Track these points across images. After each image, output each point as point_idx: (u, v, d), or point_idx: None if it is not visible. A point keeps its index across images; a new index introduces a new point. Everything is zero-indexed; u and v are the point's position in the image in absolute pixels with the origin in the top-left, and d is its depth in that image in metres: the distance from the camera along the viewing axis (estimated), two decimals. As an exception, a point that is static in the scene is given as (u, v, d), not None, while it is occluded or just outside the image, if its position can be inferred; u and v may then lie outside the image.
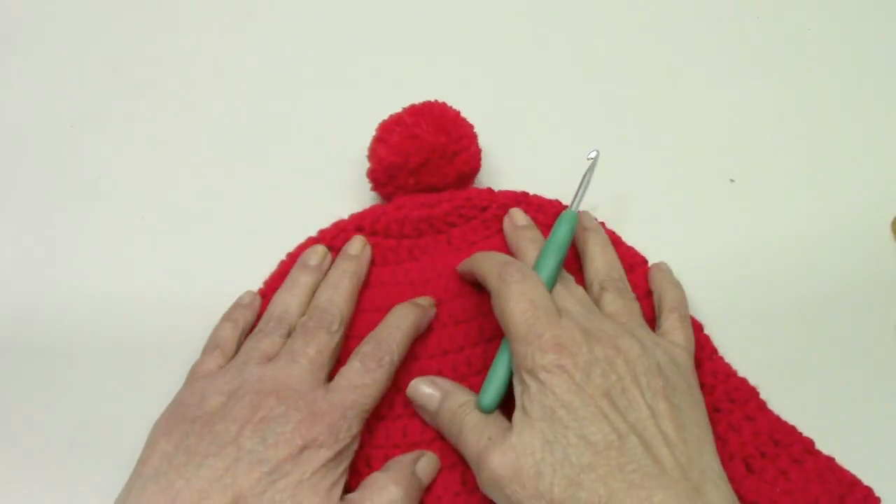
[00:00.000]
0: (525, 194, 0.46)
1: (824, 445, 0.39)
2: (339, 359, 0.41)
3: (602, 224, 0.45)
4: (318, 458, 0.35)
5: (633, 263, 0.44)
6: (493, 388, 0.38)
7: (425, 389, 0.40)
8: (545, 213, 0.45)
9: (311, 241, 0.45)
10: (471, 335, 0.42)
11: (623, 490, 0.32)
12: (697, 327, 0.42)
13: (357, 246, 0.44)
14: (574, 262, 0.44)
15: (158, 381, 0.42)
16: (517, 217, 0.44)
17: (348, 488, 0.37)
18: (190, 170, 0.50)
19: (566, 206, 0.44)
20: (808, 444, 0.39)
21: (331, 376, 0.39)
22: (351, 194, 0.48)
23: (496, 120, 0.48)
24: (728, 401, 0.40)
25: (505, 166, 0.49)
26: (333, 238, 0.45)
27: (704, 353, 0.42)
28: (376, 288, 0.44)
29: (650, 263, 0.45)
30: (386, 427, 0.40)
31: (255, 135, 0.51)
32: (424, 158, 0.44)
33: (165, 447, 0.35)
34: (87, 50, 0.56)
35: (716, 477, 0.34)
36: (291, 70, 0.54)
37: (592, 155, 0.43)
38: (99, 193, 0.49)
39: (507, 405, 0.38)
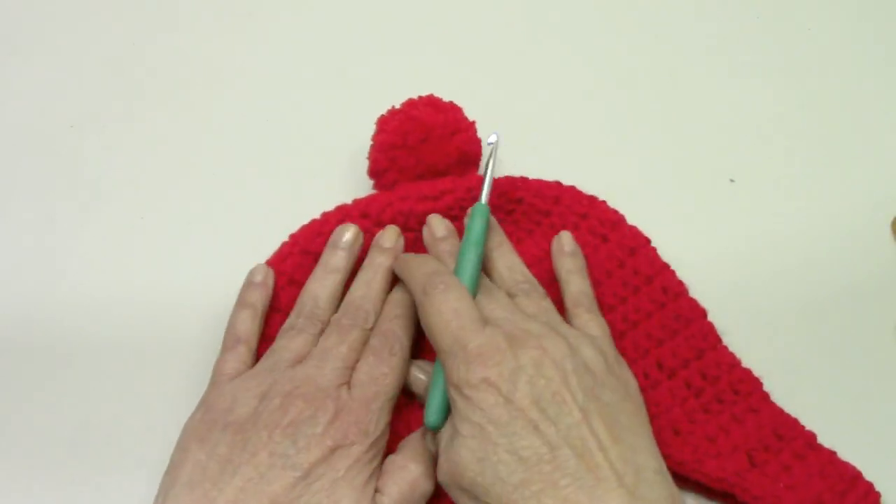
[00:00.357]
0: (523, 179, 0.46)
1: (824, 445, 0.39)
2: None
3: (599, 202, 0.45)
4: (350, 456, 0.35)
5: (635, 246, 0.44)
6: (433, 405, 0.37)
7: (415, 373, 0.40)
8: (542, 197, 0.45)
9: (315, 224, 0.44)
10: None
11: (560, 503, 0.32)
12: (701, 314, 0.42)
13: (392, 237, 0.43)
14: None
15: (158, 381, 0.42)
16: (436, 227, 0.43)
17: None
18: (190, 170, 0.50)
19: (565, 187, 0.44)
20: (810, 439, 0.39)
21: None
22: (353, 193, 0.48)
23: (496, 118, 0.48)
24: (732, 392, 0.40)
25: (504, 164, 0.49)
26: (338, 222, 0.44)
27: (708, 343, 0.41)
28: None
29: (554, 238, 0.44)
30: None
31: (256, 135, 0.51)
32: (424, 136, 0.44)
33: (198, 455, 0.35)
34: (87, 50, 0.56)
35: (651, 474, 0.34)
36: (291, 70, 0.54)
37: (492, 139, 0.41)
38: (99, 193, 0.49)
39: None
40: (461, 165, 0.46)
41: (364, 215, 0.44)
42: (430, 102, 0.45)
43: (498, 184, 0.45)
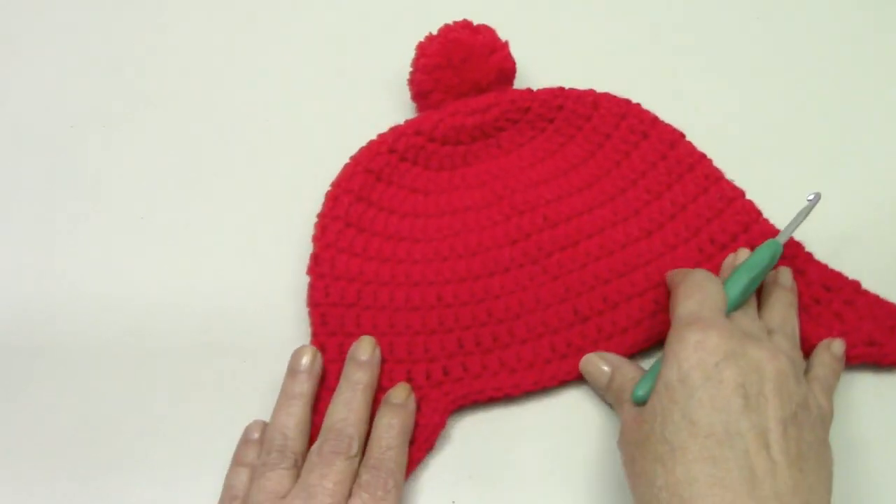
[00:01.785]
0: (562, 89, 0.48)
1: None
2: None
3: (634, 104, 0.47)
4: None
5: (673, 140, 0.47)
6: (646, 378, 0.38)
7: (600, 366, 0.41)
8: (582, 103, 0.48)
9: (373, 145, 0.46)
10: (536, 223, 0.45)
11: (706, 485, 0.31)
12: (741, 193, 0.45)
13: (367, 349, 0.40)
14: None
15: (159, 380, 0.42)
16: (741, 257, 0.43)
17: None
18: (189, 169, 0.50)
19: (602, 93, 0.47)
20: (856, 286, 0.43)
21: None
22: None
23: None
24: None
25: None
26: (395, 142, 0.46)
27: (752, 217, 0.45)
28: (436, 195, 0.46)
29: (824, 344, 0.41)
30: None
31: (256, 134, 0.51)
32: (465, 55, 0.46)
33: None
34: (87, 50, 0.56)
35: None
36: (292, 68, 0.54)
37: (811, 197, 0.42)
38: (99, 193, 0.49)
39: None
40: (500, 83, 0.48)
41: (418, 132, 0.46)
42: (466, 25, 0.47)
43: (539, 94, 0.48)
